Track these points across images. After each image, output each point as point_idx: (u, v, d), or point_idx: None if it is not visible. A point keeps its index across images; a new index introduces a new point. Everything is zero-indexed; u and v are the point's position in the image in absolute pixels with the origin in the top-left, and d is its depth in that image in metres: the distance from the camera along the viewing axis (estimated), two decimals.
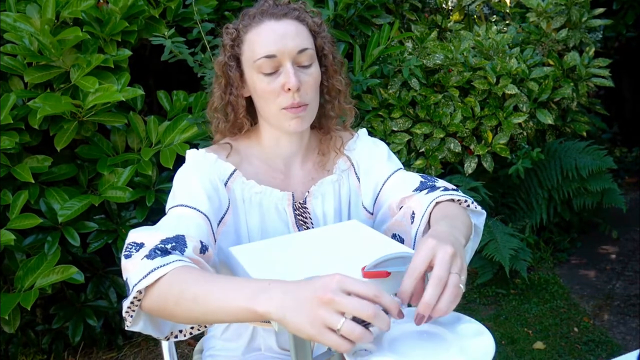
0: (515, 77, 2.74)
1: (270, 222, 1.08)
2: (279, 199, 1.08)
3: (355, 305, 0.63)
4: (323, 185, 1.13)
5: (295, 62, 1.01)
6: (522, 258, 2.77)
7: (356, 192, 1.17)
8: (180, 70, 2.37)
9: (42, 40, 1.87)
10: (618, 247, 3.23)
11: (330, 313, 0.64)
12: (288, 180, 1.12)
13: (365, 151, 1.17)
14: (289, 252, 0.96)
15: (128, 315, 0.82)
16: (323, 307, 0.64)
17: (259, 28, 1.01)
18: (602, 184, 2.94)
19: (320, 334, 0.64)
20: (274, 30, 1.00)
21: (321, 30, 1.07)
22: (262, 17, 1.02)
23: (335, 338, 0.64)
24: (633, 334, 2.38)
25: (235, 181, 1.06)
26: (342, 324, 0.63)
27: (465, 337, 0.68)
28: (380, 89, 2.68)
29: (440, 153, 2.66)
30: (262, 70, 1.01)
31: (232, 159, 1.09)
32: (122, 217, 2.21)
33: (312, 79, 1.04)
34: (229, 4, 2.55)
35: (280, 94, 1.01)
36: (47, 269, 1.92)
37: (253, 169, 1.10)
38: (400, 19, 3.09)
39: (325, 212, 1.13)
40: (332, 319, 0.64)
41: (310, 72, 1.03)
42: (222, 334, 1.20)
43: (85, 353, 2.39)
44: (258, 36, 1.01)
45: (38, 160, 2.00)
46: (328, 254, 0.93)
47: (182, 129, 2.13)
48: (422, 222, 0.98)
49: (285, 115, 1.03)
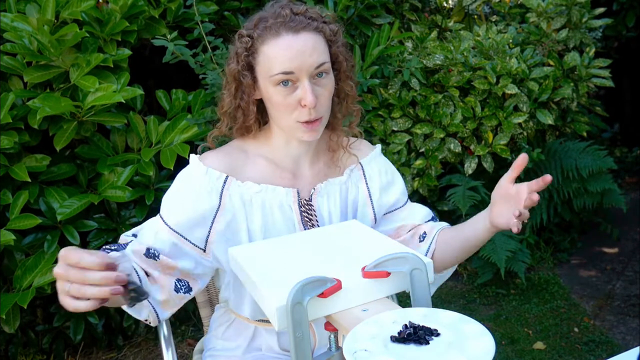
0: (515, 77, 2.74)
1: (274, 222, 1.07)
2: (283, 196, 1.08)
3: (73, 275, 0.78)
4: (330, 184, 1.13)
5: (312, 76, 1.01)
6: (520, 259, 2.77)
7: (365, 201, 1.17)
8: (180, 69, 2.37)
9: (41, 40, 1.87)
10: (618, 247, 3.23)
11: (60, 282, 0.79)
12: (296, 179, 1.12)
13: (383, 171, 1.21)
14: (289, 252, 0.96)
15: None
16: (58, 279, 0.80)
17: (276, 42, 0.99)
18: (602, 184, 2.94)
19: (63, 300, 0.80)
20: (292, 46, 0.98)
21: (337, 38, 1.06)
22: (279, 30, 0.99)
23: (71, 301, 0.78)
24: (633, 334, 2.38)
25: (230, 187, 1.05)
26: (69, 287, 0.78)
27: (465, 338, 0.68)
28: (380, 88, 2.68)
29: (440, 153, 2.65)
30: (279, 84, 1.00)
31: (234, 160, 1.08)
32: (121, 216, 2.21)
33: (327, 91, 1.04)
34: (228, 4, 2.55)
35: (297, 109, 1.01)
36: (45, 268, 1.92)
37: (258, 168, 1.09)
38: (400, 19, 3.09)
39: (331, 211, 1.12)
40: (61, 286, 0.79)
41: (325, 84, 1.03)
42: (222, 334, 1.20)
43: (85, 353, 2.39)
44: (275, 51, 0.99)
45: (37, 160, 2.00)
46: (328, 254, 0.93)
47: (181, 128, 2.13)
48: (433, 241, 1.16)
49: (299, 128, 1.03)
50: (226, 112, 1.10)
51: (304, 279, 0.75)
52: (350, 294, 0.81)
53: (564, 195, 2.99)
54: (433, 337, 0.69)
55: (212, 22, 2.32)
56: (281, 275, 0.86)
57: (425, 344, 0.68)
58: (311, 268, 0.87)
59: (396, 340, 0.69)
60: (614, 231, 3.26)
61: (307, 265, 0.89)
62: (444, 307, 1.21)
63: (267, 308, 0.80)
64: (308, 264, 0.89)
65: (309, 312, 0.76)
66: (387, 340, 0.69)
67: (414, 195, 2.81)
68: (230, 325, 1.19)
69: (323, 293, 0.78)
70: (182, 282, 1.06)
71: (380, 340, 0.69)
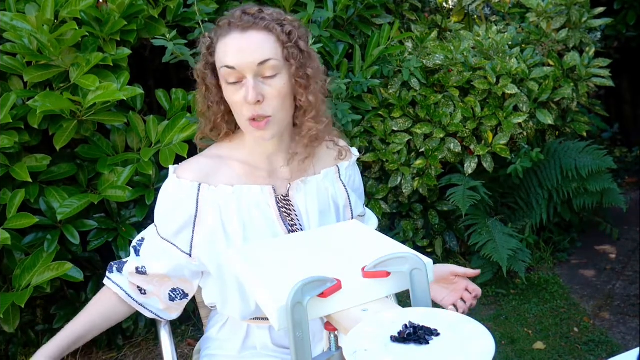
0: (515, 77, 2.74)
1: (252, 220, 1.09)
2: (258, 194, 1.10)
3: None
4: (307, 182, 1.15)
5: (259, 74, 1.01)
6: (520, 259, 2.77)
7: (345, 203, 1.21)
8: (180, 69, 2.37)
9: (41, 39, 1.87)
10: (618, 247, 3.23)
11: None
12: (271, 178, 1.14)
13: (358, 180, 1.29)
14: (289, 252, 0.96)
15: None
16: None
17: (225, 40, 1.03)
18: (602, 184, 2.93)
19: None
20: (236, 43, 1.01)
21: (292, 39, 1.04)
22: (229, 28, 1.03)
23: None
24: (633, 334, 2.38)
25: (204, 194, 1.08)
26: None
27: (465, 338, 0.68)
28: (380, 88, 2.68)
29: (440, 153, 2.65)
30: (227, 79, 1.03)
31: (208, 165, 1.11)
32: (122, 216, 2.21)
33: (276, 91, 1.03)
34: (229, 4, 2.55)
35: (244, 105, 1.03)
36: (43, 267, 1.92)
37: (233, 171, 1.11)
38: (400, 19, 3.09)
39: (309, 209, 1.14)
40: None
41: (275, 84, 1.02)
42: (217, 333, 1.21)
43: (85, 353, 2.39)
44: (223, 48, 1.03)
45: (37, 160, 2.00)
46: (328, 254, 0.93)
47: (181, 127, 2.13)
48: None
49: (249, 127, 1.05)
50: (200, 113, 1.15)
51: (304, 279, 0.75)
52: (350, 294, 0.81)
53: (563, 195, 2.99)
54: (433, 337, 0.69)
55: (213, 22, 2.32)
56: (281, 276, 0.86)
57: (425, 344, 0.68)
58: (311, 268, 0.87)
59: (396, 340, 0.69)
60: (614, 231, 3.26)
61: (307, 266, 0.89)
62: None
63: (267, 308, 0.80)
64: (308, 264, 0.89)
65: (309, 312, 0.76)
66: (387, 340, 0.69)
67: (414, 195, 2.81)
68: (224, 324, 1.20)
69: (323, 293, 0.78)
70: (176, 291, 1.15)
71: (380, 340, 0.69)
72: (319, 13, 2.44)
